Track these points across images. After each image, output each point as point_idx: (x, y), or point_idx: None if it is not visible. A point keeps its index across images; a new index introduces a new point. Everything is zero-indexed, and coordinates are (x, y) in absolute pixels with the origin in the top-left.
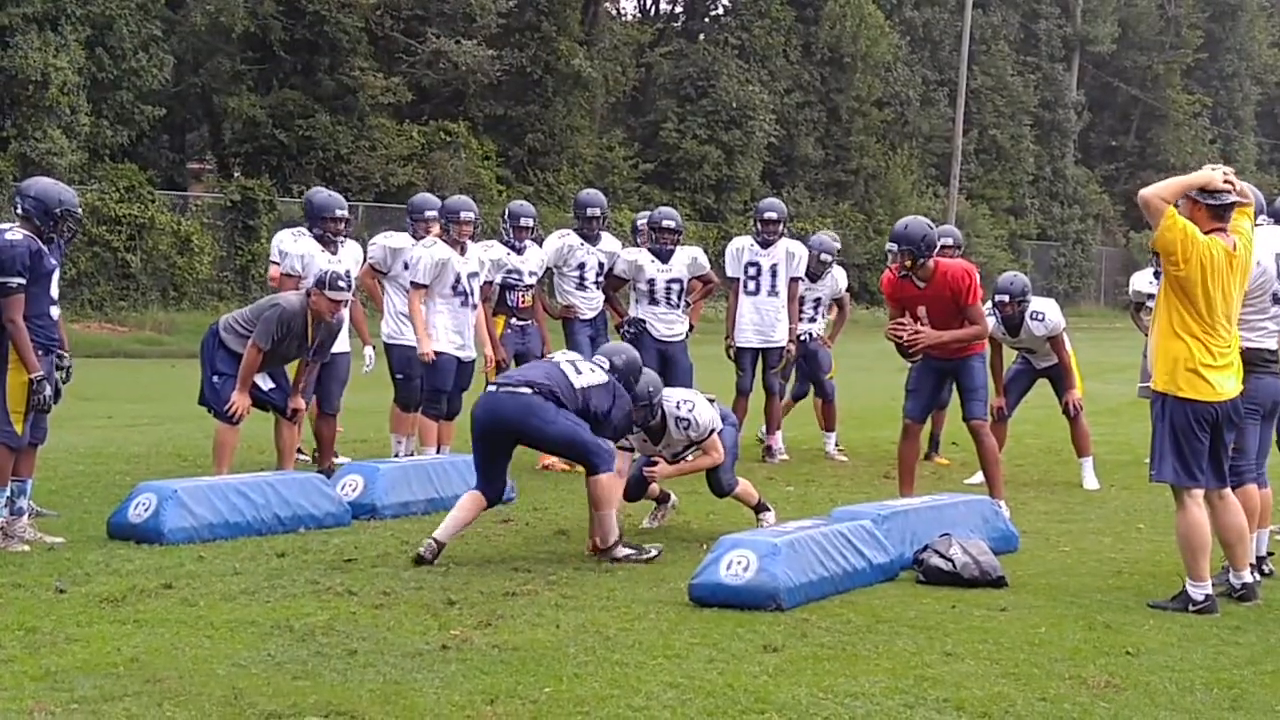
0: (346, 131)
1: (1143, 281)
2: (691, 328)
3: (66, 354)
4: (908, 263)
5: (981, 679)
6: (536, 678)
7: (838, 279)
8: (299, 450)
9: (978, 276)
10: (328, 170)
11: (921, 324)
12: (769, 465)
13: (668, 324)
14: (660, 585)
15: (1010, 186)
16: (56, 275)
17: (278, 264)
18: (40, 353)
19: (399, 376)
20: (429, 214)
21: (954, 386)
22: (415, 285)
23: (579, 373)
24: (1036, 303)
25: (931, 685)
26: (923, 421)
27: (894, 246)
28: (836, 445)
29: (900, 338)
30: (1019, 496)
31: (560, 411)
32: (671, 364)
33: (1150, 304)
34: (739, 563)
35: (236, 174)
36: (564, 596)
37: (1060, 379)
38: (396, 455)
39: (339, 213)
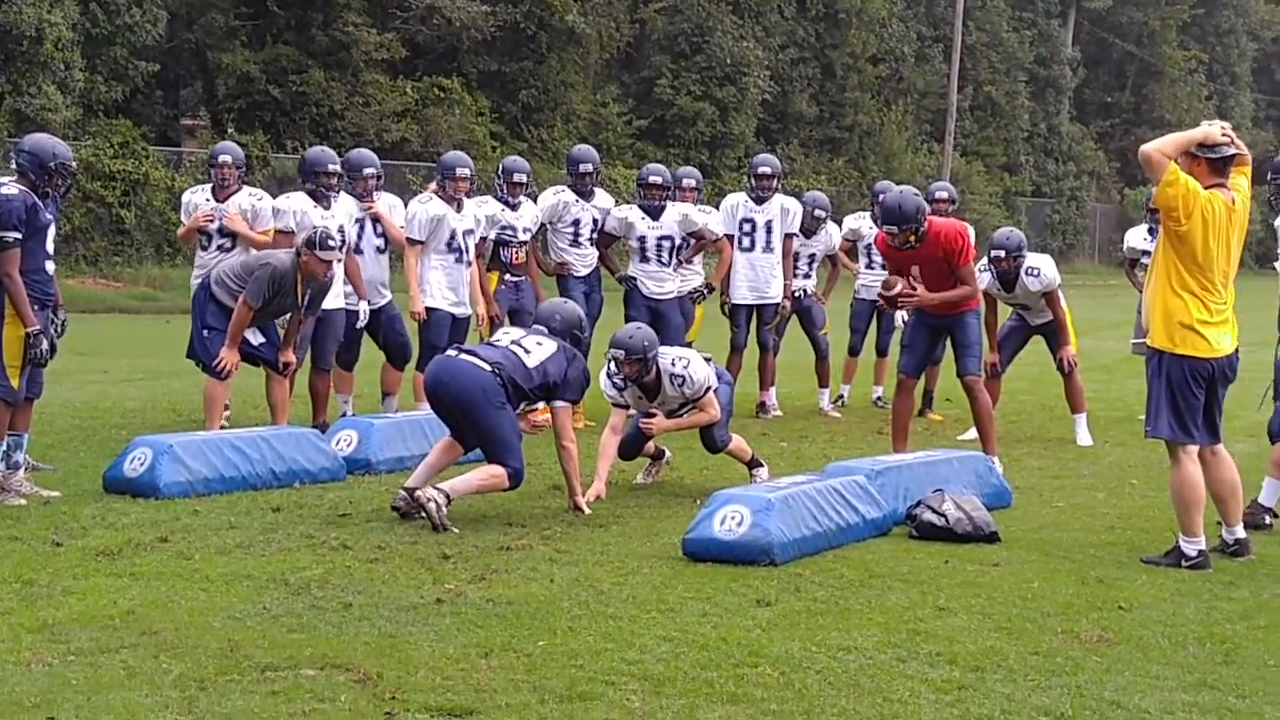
0: (340, 87)
1: (1137, 238)
2: (711, 288)
3: (61, 309)
4: (911, 239)
5: (974, 633)
6: (531, 631)
7: (831, 235)
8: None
9: (971, 236)
10: (321, 126)
11: (915, 282)
12: (763, 421)
13: (658, 281)
14: (654, 540)
15: (1005, 143)
16: (52, 230)
17: (277, 230)
18: (36, 308)
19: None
20: (330, 167)
21: (949, 342)
22: (411, 242)
23: (528, 351)
24: (1032, 258)
25: (924, 639)
26: (917, 377)
27: (894, 229)
28: (831, 401)
29: (890, 298)
30: (1012, 452)
31: (507, 405)
32: (663, 321)
33: (1145, 261)
34: (732, 518)
35: (230, 130)
36: (558, 551)
37: (1055, 335)
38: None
39: (331, 167)
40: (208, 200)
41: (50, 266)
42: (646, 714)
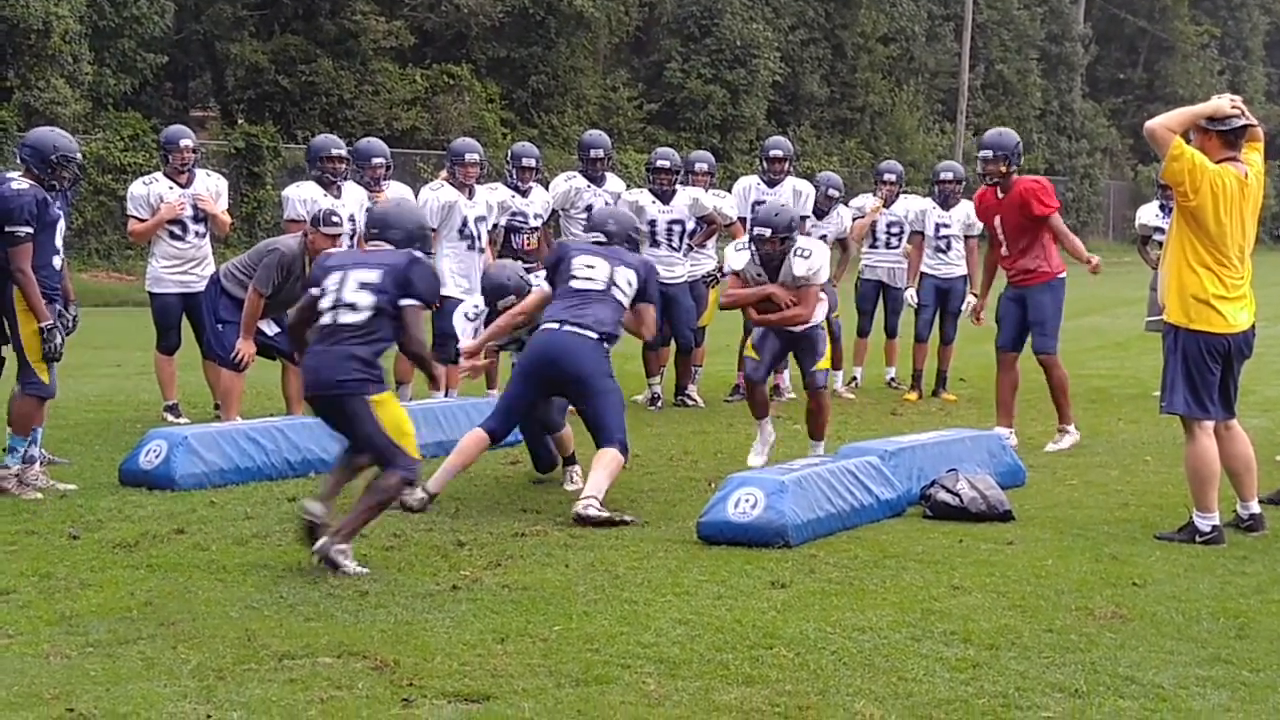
0: (349, 76)
1: (1149, 215)
2: (723, 271)
3: (74, 304)
4: (1002, 168)
5: (988, 611)
6: (546, 616)
7: (843, 216)
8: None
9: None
10: (331, 115)
11: (1000, 239)
12: (776, 403)
13: (668, 266)
14: (668, 524)
15: (1017, 121)
16: (61, 225)
17: (287, 219)
18: (45, 303)
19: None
20: (334, 151)
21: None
22: None
23: (624, 292)
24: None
25: (939, 618)
26: (1016, 351)
27: (987, 153)
28: (844, 383)
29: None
30: (1026, 431)
31: (613, 375)
32: (674, 305)
33: (1158, 237)
34: (746, 500)
35: (240, 121)
36: (573, 536)
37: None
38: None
39: (335, 151)
40: (171, 188)
41: (58, 261)
42: (662, 697)
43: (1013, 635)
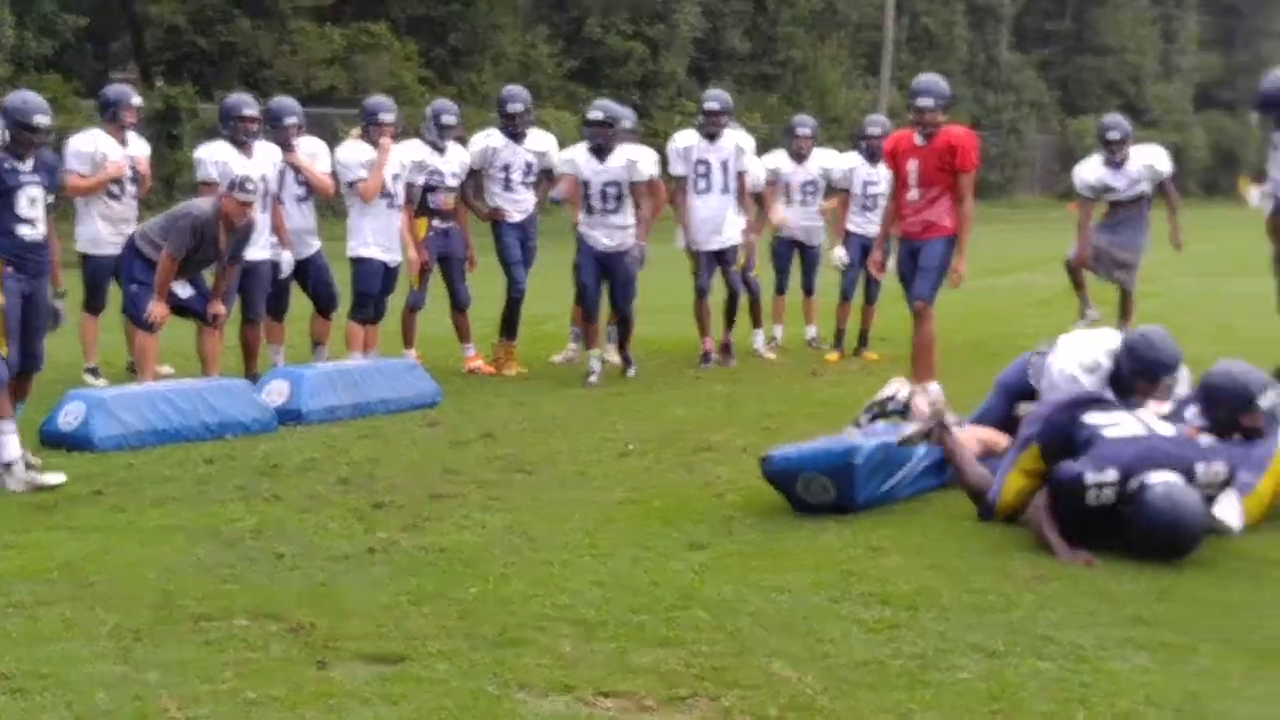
0: (267, 36)
1: (1092, 172)
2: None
3: (59, 295)
4: (940, 118)
5: (907, 573)
6: (463, 578)
7: (756, 172)
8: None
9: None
10: (249, 76)
11: (909, 184)
12: (704, 368)
13: (607, 232)
14: (586, 486)
15: (943, 75)
16: (34, 194)
17: (200, 181)
18: (10, 270)
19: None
20: (245, 111)
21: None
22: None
23: None
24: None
25: (857, 580)
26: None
27: (928, 101)
28: (765, 342)
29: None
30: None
31: None
32: (613, 276)
33: (1108, 197)
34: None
35: (159, 82)
36: (491, 498)
37: None
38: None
39: (247, 111)
40: (115, 147)
41: (25, 231)
42: (578, 659)
43: (931, 596)
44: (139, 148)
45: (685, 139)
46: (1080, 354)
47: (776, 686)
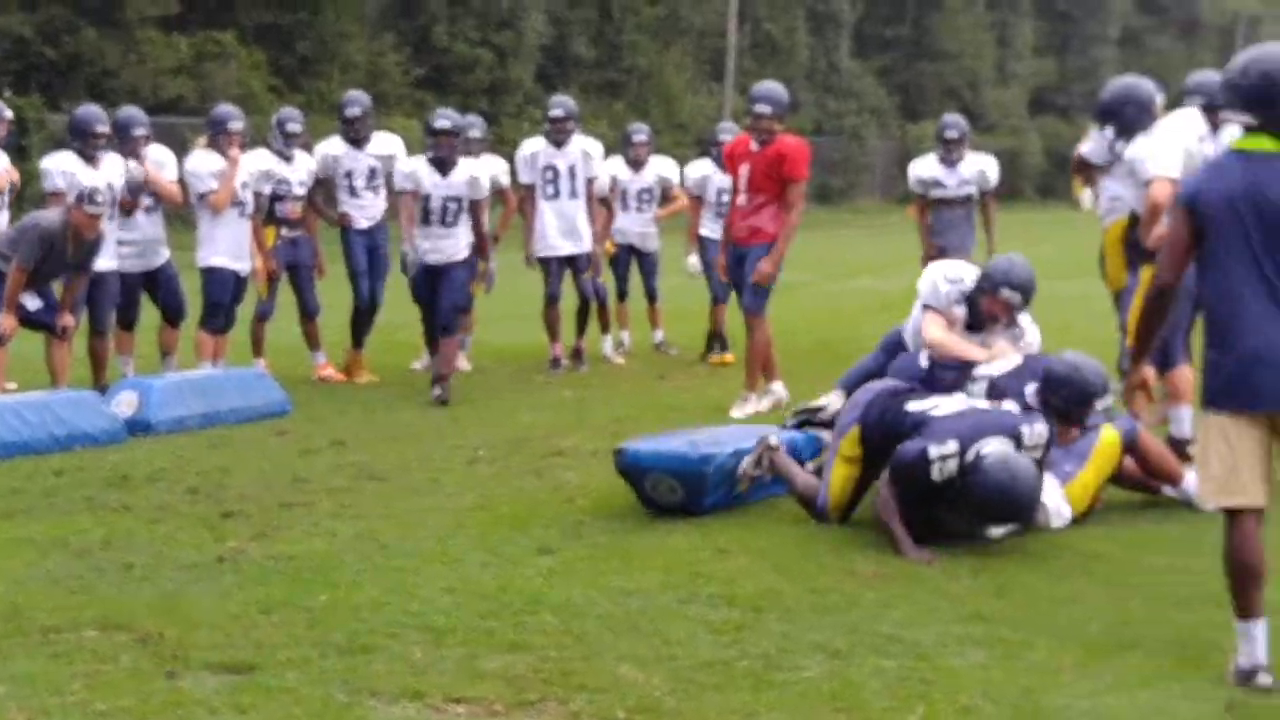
0: (114, 46)
1: (927, 169)
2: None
3: None
4: (776, 126)
5: (753, 574)
6: (312, 586)
7: (604, 178)
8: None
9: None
10: (96, 86)
11: (739, 190)
12: (554, 373)
13: (436, 245)
14: (437, 493)
15: (785, 81)
16: None
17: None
18: None
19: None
20: (98, 129)
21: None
22: (202, 197)
23: None
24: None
25: (705, 581)
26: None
27: (765, 108)
28: (613, 347)
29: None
30: (795, 390)
31: None
32: (445, 287)
33: (936, 192)
34: None
35: (7, 93)
36: (342, 506)
37: None
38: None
39: (100, 128)
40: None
41: None
42: (428, 665)
43: (776, 597)
44: (6, 160)
45: (532, 146)
46: (946, 269)
47: (624, 689)
